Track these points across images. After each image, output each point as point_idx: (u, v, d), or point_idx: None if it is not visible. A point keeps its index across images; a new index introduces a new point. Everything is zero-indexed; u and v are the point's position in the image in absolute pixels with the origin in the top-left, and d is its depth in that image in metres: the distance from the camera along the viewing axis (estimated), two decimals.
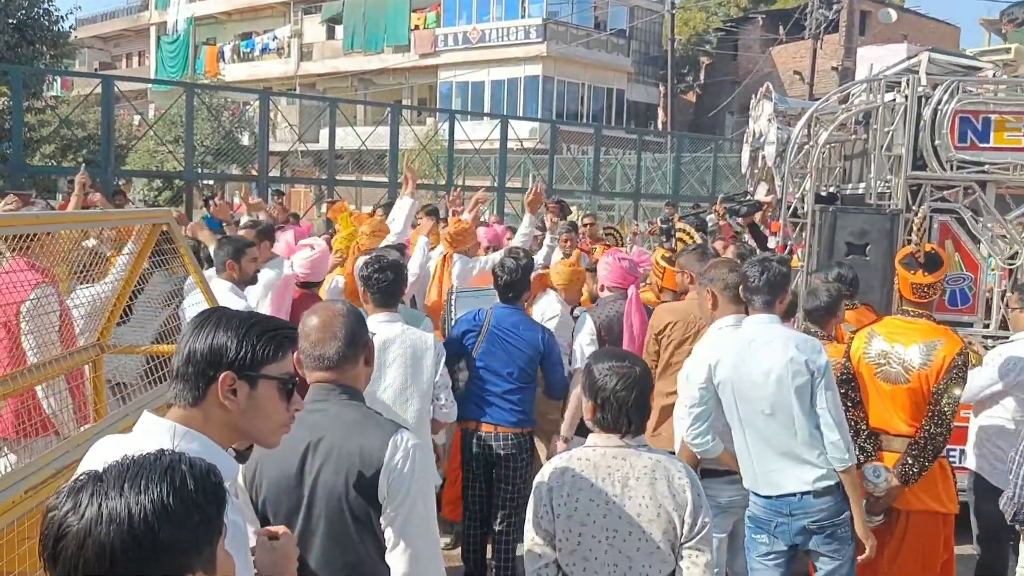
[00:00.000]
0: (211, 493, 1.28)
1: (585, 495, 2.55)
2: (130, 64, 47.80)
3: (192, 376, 1.73)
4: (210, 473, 1.31)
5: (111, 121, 13.45)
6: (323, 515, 2.25)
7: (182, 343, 1.76)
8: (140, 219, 3.80)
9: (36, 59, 20.94)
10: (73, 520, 1.19)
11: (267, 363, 1.76)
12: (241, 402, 1.74)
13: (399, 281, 3.82)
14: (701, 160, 21.70)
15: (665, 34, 35.09)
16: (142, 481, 1.22)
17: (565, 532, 2.57)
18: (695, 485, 2.58)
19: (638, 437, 2.63)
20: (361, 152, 20.01)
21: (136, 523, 1.18)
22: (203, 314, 1.82)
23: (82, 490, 1.22)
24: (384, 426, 2.31)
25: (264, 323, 1.80)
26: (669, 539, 2.53)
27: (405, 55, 34.61)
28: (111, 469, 1.25)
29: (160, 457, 1.28)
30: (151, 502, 1.20)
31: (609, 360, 2.64)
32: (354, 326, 2.39)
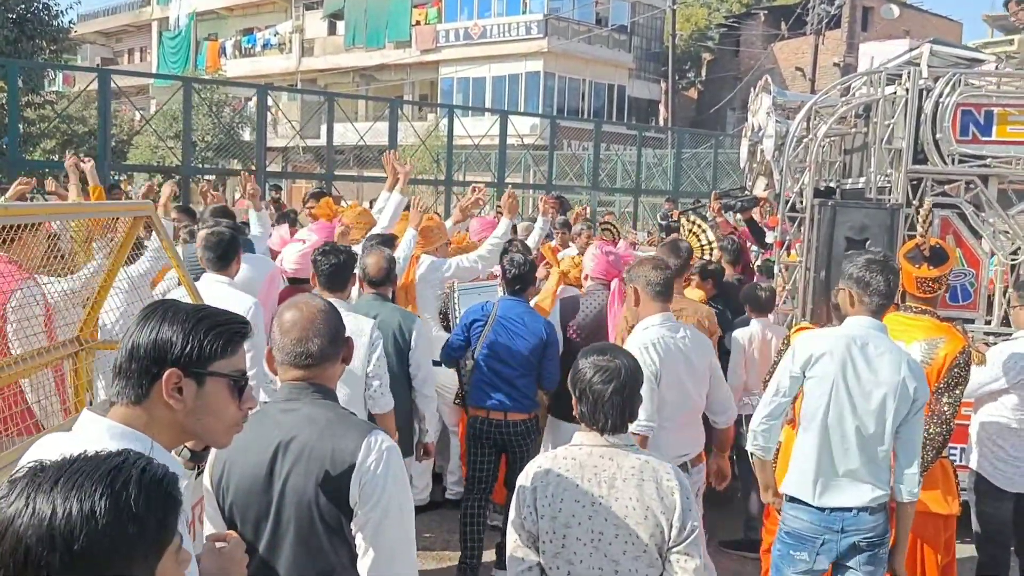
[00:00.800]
0: (156, 502, 1.20)
1: (570, 496, 2.47)
2: (132, 60, 47.77)
3: (135, 373, 1.63)
4: (163, 480, 1.23)
5: (108, 116, 13.38)
6: (293, 520, 2.14)
7: (125, 337, 1.67)
8: (122, 211, 3.72)
9: (36, 54, 20.89)
10: (3, 509, 1.14)
11: (216, 359, 1.66)
12: (188, 401, 1.64)
13: (345, 267, 4.09)
14: (702, 156, 21.60)
15: (667, 30, 34.97)
16: (78, 480, 1.15)
17: (549, 534, 2.49)
18: (684, 488, 2.50)
19: (624, 436, 2.55)
20: (361, 148, 19.93)
21: (57, 522, 1.12)
22: (150, 306, 1.72)
23: (17, 483, 1.17)
24: (358, 427, 2.21)
25: (214, 316, 1.71)
26: (656, 542, 2.45)
27: (406, 51, 34.53)
28: (55, 464, 1.19)
29: (111, 458, 1.21)
30: (79, 504, 1.13)
31: (593, 354, 2.58)
32: (336, 322, 2.30)
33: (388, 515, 2.12)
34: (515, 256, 5.06)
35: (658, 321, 3.77)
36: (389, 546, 2.13)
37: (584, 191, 19.17)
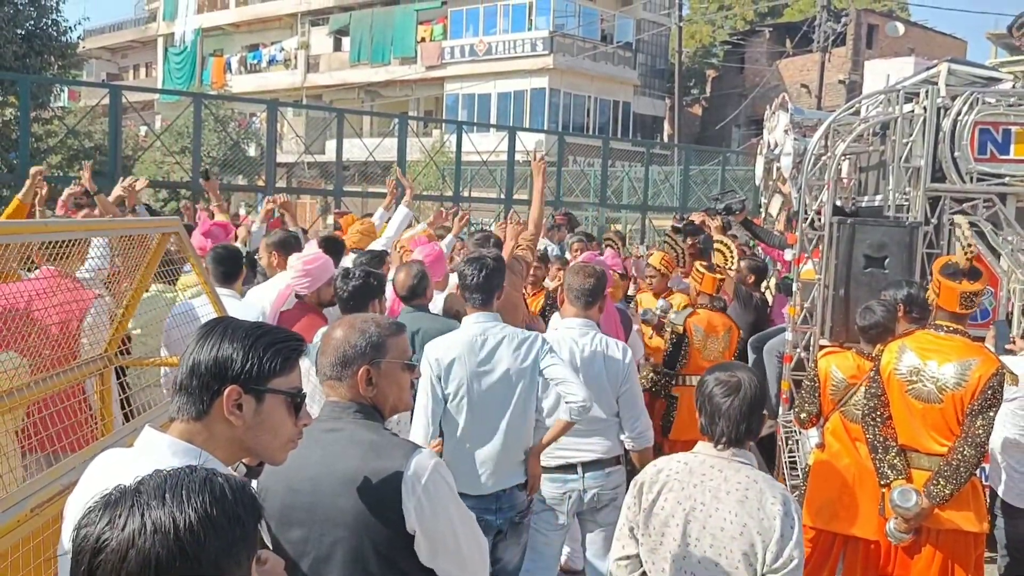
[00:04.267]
0: (249, 506, 1.23)
1: (673, 497, 2.56)
2: (137, 75, 47.98)
3: (196, 389, 1.65)
4: (245, 487, 1.26)
5: (118, 131, 13.41)
6: (340, 545, 2.11)
7: (186, 354, 1.68)
8: (149, 228, 3.73)
9: (44, 69, 20.99)
10: (112, 534, 1.14)
11: (274, 376, 1.69)
12: (247, 417, 1.66)
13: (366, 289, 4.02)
14: (709, 172, 21.63)
15: (672, 47, 35.14)
16: (183, 492, 1.17)
17: (648, 529, 2.60)
18: (788, 516, 2.49)
19: (740, 452, 2.59)
20: (367, 163, 19.97)
21: (182, 533, 1.14)
22: (208, 324, 1.74)
23: (118, 503, 1.17)
24: (402, 446, 2.19)
25: (272, 334, 1.72)
26: (750, 562, 2.47)
27: (412, 67, 34.68)
28: (147, 481, 1.20)
29: (194, 471, 1.23)
30: (195, 511, 1.16)
31: (719, 371, 2.67)
32: (349, 348, 2.25)
33: (455, 528, 2.11)
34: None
35: (573, 325, 4.02)
36: (465, 555, 2.14)
37: (591, 207, 19.18)
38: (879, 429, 3.75)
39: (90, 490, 1.66)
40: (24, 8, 21.06)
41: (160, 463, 1.56)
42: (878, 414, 3.78)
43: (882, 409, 3.78)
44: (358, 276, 3.93)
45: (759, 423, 2.64)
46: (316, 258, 4.75)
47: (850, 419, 4.17)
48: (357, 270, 4.08)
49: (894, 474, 3.67)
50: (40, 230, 2.95)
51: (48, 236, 3.23)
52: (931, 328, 3.82)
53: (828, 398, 4.35)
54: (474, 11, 33.45)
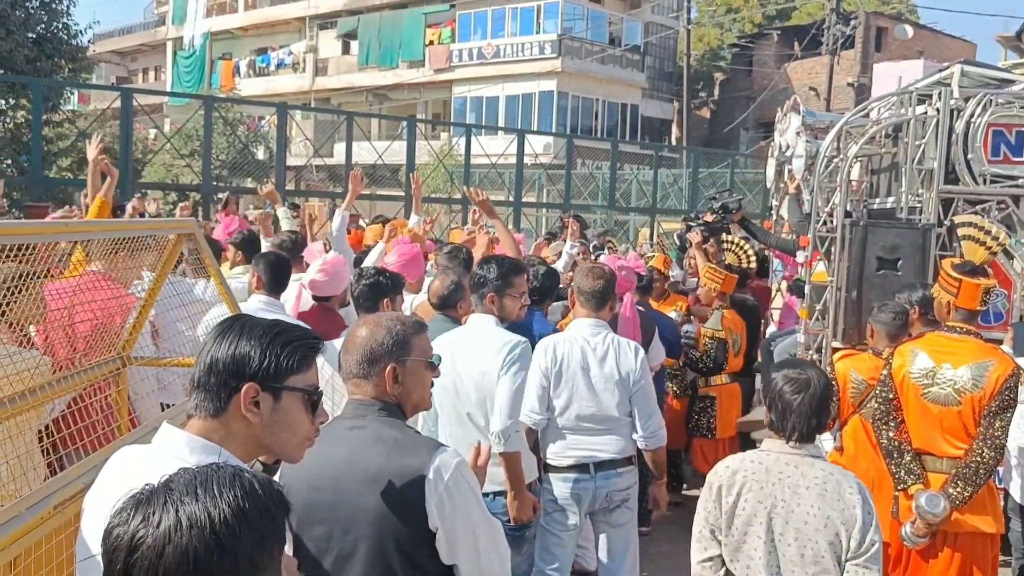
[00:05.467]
0: (278, 500, 1.24)
1: (753, 496, 2.62)
2: (147, 79, 48.15)
3: (214, 386, 1.66)
4: (272, 482, 1.27)
5: (129, 134, 13.46)
6: (363, 542, 2.12)
7: (203, 351, 1.69)
8: (165, 228, 3.75)
9: (55, 73, 21.09)
10: (147, 531, 1.14)
11: (292, 374, 1.69)
12: (265, 415, 1.67)
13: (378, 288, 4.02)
14: (717, 175, 21.60)
15: (680, 50, 35.12)
16: (214, 487, 1.18)
17: (730, 530, 2.65)
18: (866, 503, 2.61)
19: (811, 446, 2.67)
20: (376, 166, 20.01)
21: (218, 527, 1.14)
22: (226, 321, 1.76)
23: (150, 501, 1.17)
24: (425, 444, 2.20)
25: (289, 332, 1.73)
26: (835, 551, 2.57)
27: (420, 70, 34.72)
28: (177, 478, 1.21)
29: (222, 467, 1.24)
30: (228, 506, 1.16)
31: (785, 367, 2.75)
32: (375, 345, 2.27)
33: (475, 528, 2.12)
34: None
35: (584, 325, 4.02)
36: (483, 559, 2.14)
37: (600, 210, 19.18)
38: (892, 433, 3.75)
39: (109, 487, 1.67)
40: (35, 12, 21.17)
41: (178, 459, 1.57)
42: (890, 418, 3.77)
43: (894, 413, 3.77)
44: (370, 275, 3.94)
45: (827, 418, 2.72)
46: (333, 260, 4.76)
47: (868, 419, 4.17)
48: (370, 269, 4.09)
49: (912, 479, 3.66)
50: (61, 231, 2.97)
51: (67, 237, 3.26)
52: (944, 330, 3.80)
53: (848, 401, 4.35)
54: (482, 14, 33.48)
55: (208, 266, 3.91)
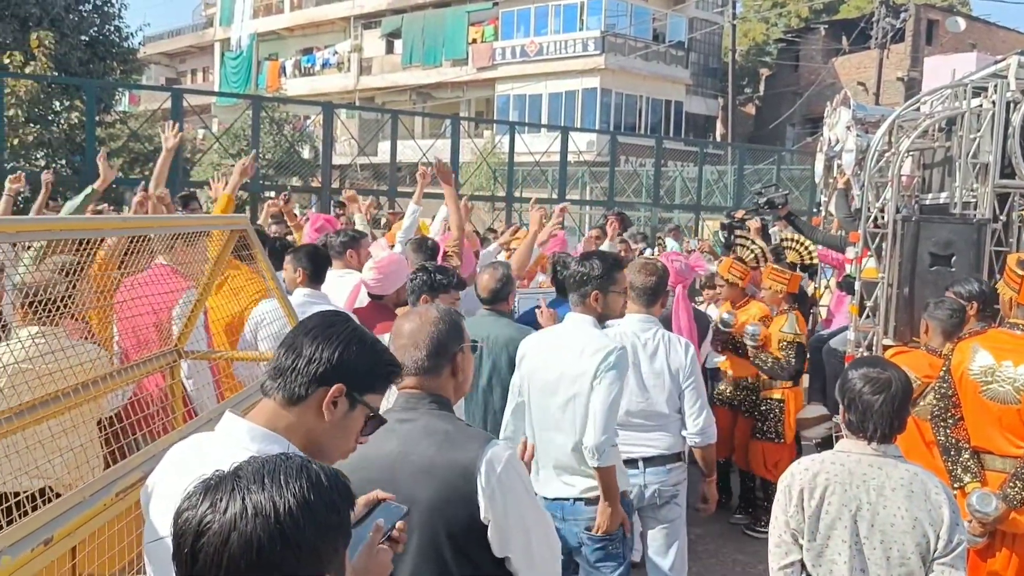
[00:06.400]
0: (344, 493, 1.26)
1: (838, 499, 2.58)
2: (195, 80, 48.94)
3: (303, 375, 1.70)
4: (339, 474, 1.29)
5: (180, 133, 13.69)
6: (415, 531, 2.14)
7: (302, 340, 1.73)
8: (219, 224, 3.82)
9: (107, 75, 21.55)
10: (214, 517, 1.16)
11: (371, 392, 1.76)
12: (336, 417, 1.71)
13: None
14: (763, 172, 21.36)
15: (724, 46, 34.79)
16: (281, 477, 1.20)
17: (813, 534, 2.61)
18: (951, 502, 2.58)
19: (890, 447, 2.64)
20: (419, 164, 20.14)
21: (282, 517, 1.15)
22: (332, 319, 1.81)
23: (219, 487, 1.19)
24: (477, 437, 2.22)
25: (385, 354, 1.83)
26: (921, 552, 2.54)
27: (463, 69, 34.85)
28: (245, 467, 1.23)
29: (289, 457, 1.26)
30: (294, 497, 1.17)
31: (864, 366, 2.70)
32: (442, 335, 2.31)
33: (526, 520, 2.13)
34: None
35: (635, 320, 3.98)
36: (534, 551, 2.15)
37: (644, 207, 19.08)
38: (950, 431, 3.68)
39: (173, 472, 1.71)
40: (88, 15, 21.65)
41: (240, 448, 1.60)
42: (948, 415, 3.71)
43: (953, 410, 3.70)
44: (423, 271, 3.97)
45: (907, 418, 2.67)
46: (390, 259, 4.79)
47: (922, 418, 4.10)
48: (428, 266, 4.11)
49: (969, 477, 3.59)
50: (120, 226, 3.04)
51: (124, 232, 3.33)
52: (1006, 327, 3.72)
53: None
54: (525, 12, 33.50)
55: (259, 261, 3.98)
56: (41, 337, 2.82)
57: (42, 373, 2.62)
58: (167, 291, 3.47)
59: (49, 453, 2.61)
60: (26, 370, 2.61)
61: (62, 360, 2.76)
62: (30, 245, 3.21)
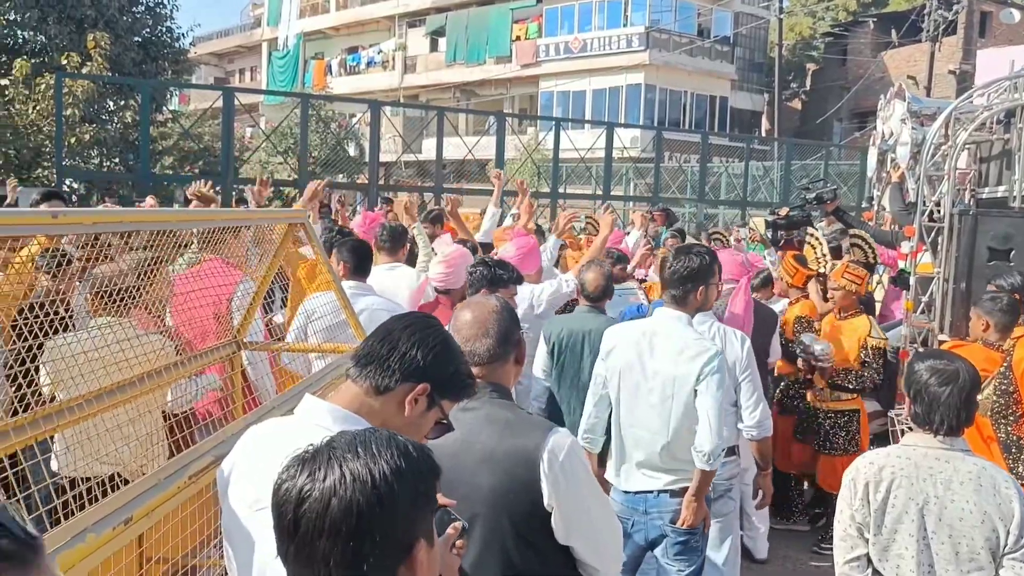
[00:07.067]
0: (430, 464, 1.31)
1: (904, 493, 2.57)
2: (243, 79, 49.64)
3: (395, 369, 1.75)
4: (424, 447, 1.34)
5: (231, 131, 13.94)
6: (478, 518, 2.17)
7: (401, 336, 1.78)
8: (279, 218, 3.89)
9: (159, 75, 21.98)
10: (313, 485, 1.22)
11: (449, 397, 1.82)
12: (414, 414, 1.76)
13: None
14: (810, 167, 21.09)
15: (771, 40, 34.38)
16: (373, 447, 1.25)
17: (879, 528, 2.60)
18: (1021, 497, 2.55)
19: (957, 440, 2.61)
20: (464, 161, 20.24)
21: (378, 482, 1.21)
22: (430, 320, 1.88)
23: (315, 458, 1.25)
24: (538, 425, 2.24)
25: (467, 364, 1.90)
26: (991, 547, 2.51)
27: (506, 66, 34.91)
28: (338, 439, 1.29)
29: (378, 430, 1.32)
30: (387, 464, 1.23)
31: (931, 358, 2.69)
32: (506, 324, 2.35)
33: (589, 507, 2.15)
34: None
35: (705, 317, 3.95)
36: (598, 537, 2.17)
37: (689, 203, 18.97)
38: (1011, 428, 3.63)
39: (250, 455, 1.76)
40: (141, 16, 22.09)
41: (321, 428, 1.65)
42: (1010, 412, 3.65)
43: (1014, 407, 3.65)
44: (484, 265, 4.01)
45: (975, 411, 2.64)
46: (459, 253, 4.85)
47: (980, 413, 4.04)
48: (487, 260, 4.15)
49: None
50: (186, 219, 3.12)
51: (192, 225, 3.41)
52: None
53: None
54: (569, 8, 33.44)
55: (317, 256, 4.05)
56: (109, 328, 2.91)
57: (109, 363, 2.70)
58: (223, 283, 3.54)
59: (119, 440, 2.69)
60: (97, 359, 2.69)
61: (128, 350, 2.84)
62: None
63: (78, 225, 2.28)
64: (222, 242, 3.71)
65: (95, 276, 3.18)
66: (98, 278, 3.15)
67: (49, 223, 2.12)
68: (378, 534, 1.20)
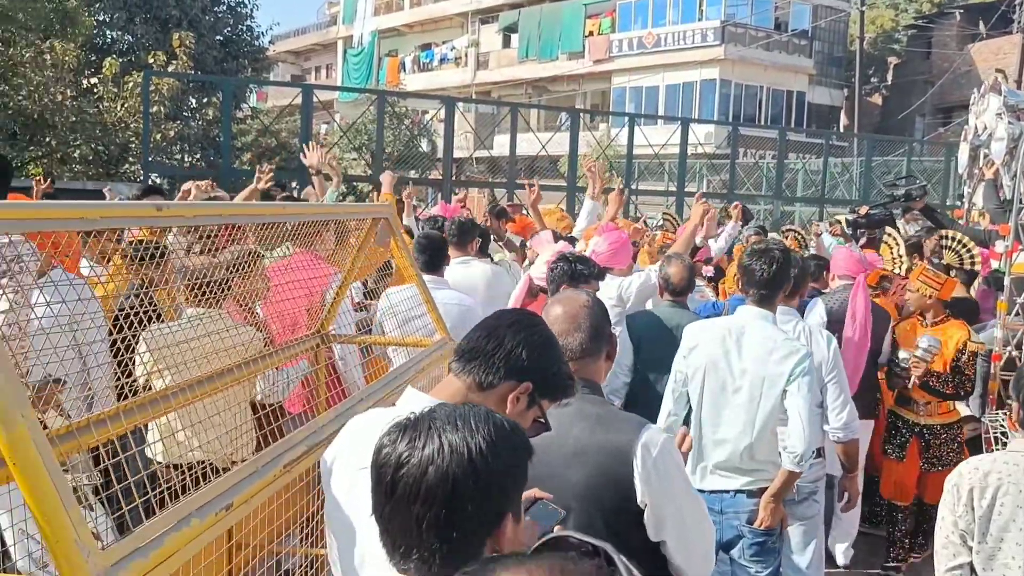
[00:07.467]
0: (523, 441, 1.36)
1: (1011, 501, 2.49)
2: (318, 76, 50.51)
3: (501, 366, 1.75)
4: (518, 426, 1.38)
5: (309, 128, 14.20)
6: (569, 514, 2.14)
7: (507, 332, 1.78)
8: (363, 212, 3.94)
9: (239, 73, 22.53)
10: (412, 452, 1.28)
11: (548, 398, 1.82)
12: (514, 412, 1.76)
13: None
14: (892, 164, 20.51)
15: (851, 33, 33.54)
16: (472, 421, 1.30)
17: (984, 536, 2.52)
18: None
19: None
20: (536, 158, 20.25)
21: (474, 455, 1.26)
22: (536, 319, 1.89)
23: (416, 426, 1.31)
24: (630, 421, 2.22)
25: (568, 367, 1.90)
26: None
27: (579, 62, 34.80)
28: (439, 410, 1.34)
29: (476, 406, 1.37)
30: (483, 439, 1.28)
31: None
32: (598, 318, 2.33)
33: (682, 505, 2.13)
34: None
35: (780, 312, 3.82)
36: (690, 536, 2.15)
37: (765, 200, 18.63)
38: None
39: (356, 445, 1.78)
40: (223, 16, 22.68)
41: None
42: None
43: None
44: (564, 261, 3.98)
45: None
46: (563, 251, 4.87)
47: None
48: (568, 255, 4.11)
49: None
50: (278, 212, 3.18)
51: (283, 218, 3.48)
52: None
53: None
54: (643, 3, 33.16)
55: (398, 251, 4.09)
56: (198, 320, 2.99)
57: (199, 354, 2.77)
58: (315, 276, 3.61)
59: (212, 428, 2.75)
60: (194, 349, 2.76)
61: (221, 341, 2.91)
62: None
63: (180, 218, 2.34)
64: (312, 235, 3.78)
65: (190, 268, 3.27)
66: (193, 270, 3.24)
67: (154, 215, 2.17)
68: (470, 504, 1.25)
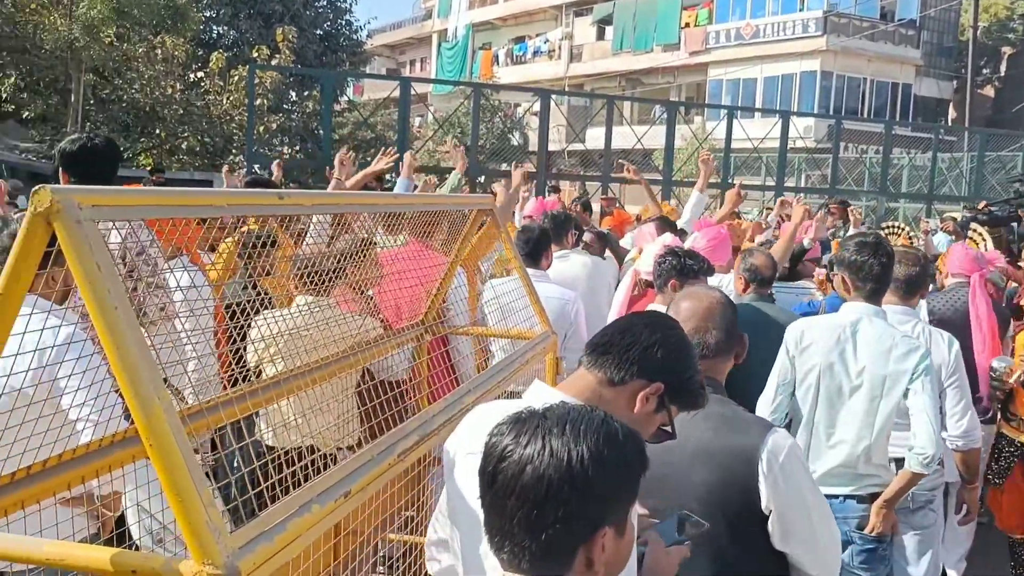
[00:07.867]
0: (638, 453, 1.32)
1: None
2: (413, 69, 51.19)
3: (631, 364, 1.71)
4: (638, 436, 1.34)
5: (407, 120, 14.40)
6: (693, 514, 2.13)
7: (644, 330, 1.74)
8: (467, 204, 3.94)
9: (338, 66, 22.99)
10: (516, 448, 1.28)
11: (677, 404, 1.76)
12: (644, 411, 1.72)
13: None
14: (1006, 159, 19.57)
15: (963, 21, 32.14)
16: (582, 427, 1.27)
17: None
18: None
19: None
20: (629, 151, 20.05)
21: (574, 463, 1.24)
22: (672, 320, 1.86)
23: (525, 423, 1.30)
24: (757, 423, 2.15)
25: (701, 374, 1.84)
26: None
27: (674, 54, 34.31)
28: (552, 411, 1.32)
29: (594, 410, 1.34)
30: (588, 448, 1.25)
31: None
32: (732, 316, 2.27)
33: (810, 511, 2.05)
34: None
35: (891, 312, 3.64)
36: (818, 542, 2.07)
37: (869, 196, 18.02)
38: None
39: (476, 436, 1.77)
40: (323, 11, 23.19)
41: None
42: None
43: None
44: (673, 255, 3.92)
45: None
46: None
47: None
48: (677, 250, 4.05)
49: None
50: (390, 202, 3.21)
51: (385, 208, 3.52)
52: None
53: None
54: None
55: (504, 242, 4.08)
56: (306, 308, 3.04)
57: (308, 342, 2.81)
58: (425, 266, 3.63)
59: (320, 416, 2.79)
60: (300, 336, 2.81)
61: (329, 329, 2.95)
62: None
63: (299, 206, 2.37)
64: (423, 225, 3.81)
65: (299, 257, 3.32)
66: (303, 259, 3.29)
67: (276, 203, 2.20)
68: (563, 510, 1.23)
